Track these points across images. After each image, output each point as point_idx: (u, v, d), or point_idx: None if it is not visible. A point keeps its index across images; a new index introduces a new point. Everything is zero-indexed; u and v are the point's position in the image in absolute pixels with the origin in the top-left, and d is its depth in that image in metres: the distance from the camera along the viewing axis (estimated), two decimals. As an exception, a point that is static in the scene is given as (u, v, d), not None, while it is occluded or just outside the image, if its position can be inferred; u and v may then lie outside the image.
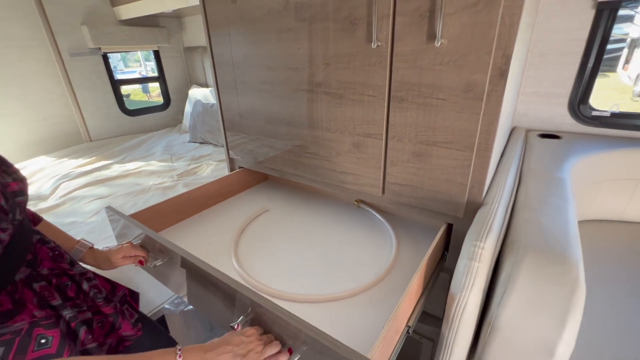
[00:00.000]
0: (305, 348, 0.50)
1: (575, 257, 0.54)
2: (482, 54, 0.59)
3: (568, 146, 1.08)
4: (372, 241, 0.92)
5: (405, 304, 0.59)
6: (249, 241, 0.95)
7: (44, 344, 0.48)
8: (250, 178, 1.28)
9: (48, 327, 0.50)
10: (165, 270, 0.77)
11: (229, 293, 0.59)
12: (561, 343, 0.49)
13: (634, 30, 5.09)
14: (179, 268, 0.71)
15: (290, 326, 0.50)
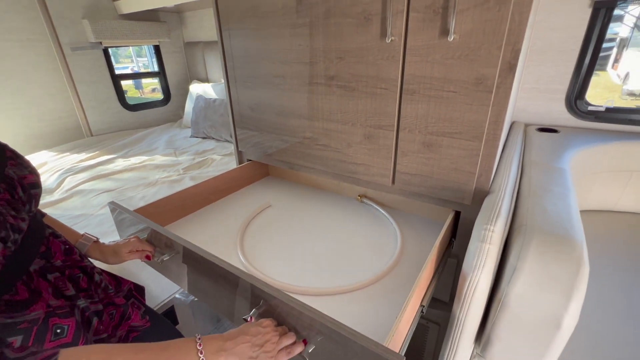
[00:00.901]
0: (320, 339, 0.51)
1: (579, 238, 0.58)
2: (492, 48, 0.63)
3: (566, 140, 1.13)
4: (376, 234, 0.95)
5: (421, 285, 0.63)
6: (254, 236, 0.96)
7: (60, 334, 0.49)
8: (253, 173, 1.30)
9: (63, 316, 0.51)
10: (172, 265, 0.79)
11: (240, 286, 0.61)
12: (567, 316, 0.53)
13: (623, 30, 5.20)
14: (187, 262, 0.72)
15: (304, 317, 0.52)
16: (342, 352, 0.49)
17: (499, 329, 0.62)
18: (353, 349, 0.47)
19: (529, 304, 0.56)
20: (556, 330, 0.54)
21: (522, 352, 0.60)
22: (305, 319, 0.52)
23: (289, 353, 0.52)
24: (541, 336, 0.56)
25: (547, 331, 0.55)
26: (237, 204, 1.14)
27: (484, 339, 0.67)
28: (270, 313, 0.57)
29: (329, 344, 0.50)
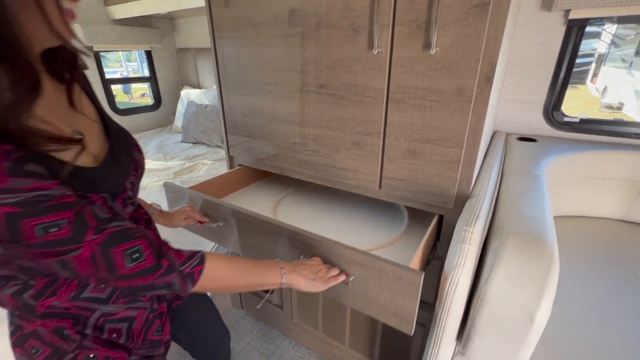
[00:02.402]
0: (358, 271, 0.70)
1: (551, 239, 0.62)
2: (471, 61, 0.67)
3: (543, 148, 1.19)
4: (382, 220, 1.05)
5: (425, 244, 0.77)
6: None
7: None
8: (244, 177, 1.32)
9: None
10: (223, 230, 0.97)
11: (291, 238, 0.80)
12: (539, 311, 0.57)
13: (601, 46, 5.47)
14: (240, 225, 0.91)
15: (346, 255, 0.70)
16: (377, 276, 0.68)
17: (478, 326, 0.65)
18: (385, 271, 0.66)
19: (505, 300, 0.60)
20: (530, 325, 0.57)
21: (499, 346, 0.63)
22: (347, 254, 0.70)
23: (336, 279, 0.69)
24: (516, 331, 0.59)
25: (522, 326, 0.58)
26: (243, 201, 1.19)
27: (464, 336, 0.70)
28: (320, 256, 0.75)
29: (366, 272, 0.69)
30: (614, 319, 0.82)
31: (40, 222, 0.37)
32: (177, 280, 0.49)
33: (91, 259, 0.41)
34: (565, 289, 0.91)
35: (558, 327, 0.79)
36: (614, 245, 1.12)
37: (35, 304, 0.48)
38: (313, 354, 1.41)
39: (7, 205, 0.34)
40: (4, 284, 0.46)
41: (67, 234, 0.39)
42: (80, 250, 0.40)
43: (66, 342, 0.52)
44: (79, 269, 0.41)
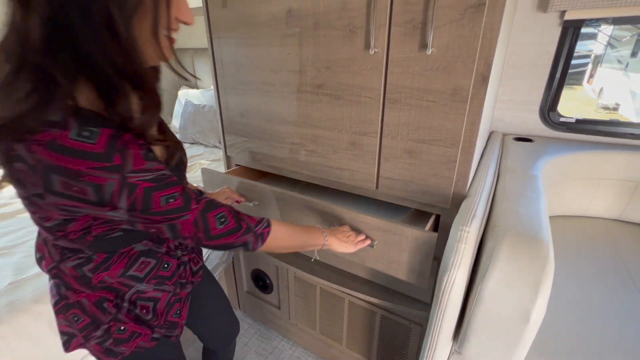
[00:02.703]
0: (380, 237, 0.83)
1: (546, 238, 0.63)
2: (467, 62, 0.68)
3: (539, 148, 1.19)
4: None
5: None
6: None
7: (166, 268, 0.67)
8: (247, 175, 1.32)
9: (172, 257, 0.69)
10: (259, 208, 1.07)
11: (323, 211, 0.91)
12: (535, 310, 0.57)
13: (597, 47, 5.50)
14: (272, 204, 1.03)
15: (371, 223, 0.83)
16: (397, 240, 0.81)
17: (474, 325, 0.65)
18: (405, 234, 0.79)
19: (501, 299, 0.60)
20: (525, 324, 0.58)
21: (495, 346, 0.64)
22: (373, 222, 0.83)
23: (363, 242, 0.83)
24: (512, 330, 0.60)
25: (517, 325, 0.59)
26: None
27: (461, 335, 0.70)
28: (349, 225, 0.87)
29: (388, 237, 0.82)
30: (609, 318, 0.82)
31: (164, 194, 0.48)
32: (252, 240, 0.60)
33: (194, 222, 0.52)
34: (561, 288, 0.91)
35: (553, 327, 0.79)
36: (610, 245, 1.13)
37: (92, 276, 0.57)
38: (310, 354, 1.41)
39: (145, 181, 0.45)
40: (70, 256, 0.55)
41: (180, 203, 0.50)
42: (188, 215, 0.51)
43: (104, 314, 0.60)
44: (183, 231, 0.52)
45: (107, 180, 0.42)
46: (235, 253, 1.44)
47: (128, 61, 0.43)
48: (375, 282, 1.09)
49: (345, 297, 1.14)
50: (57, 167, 0.40)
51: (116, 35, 0.40)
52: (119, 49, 0.41)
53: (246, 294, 1.53)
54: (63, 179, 0.40)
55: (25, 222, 1.24)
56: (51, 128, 0.39)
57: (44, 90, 0.39)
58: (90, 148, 0.40)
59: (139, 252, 0.61)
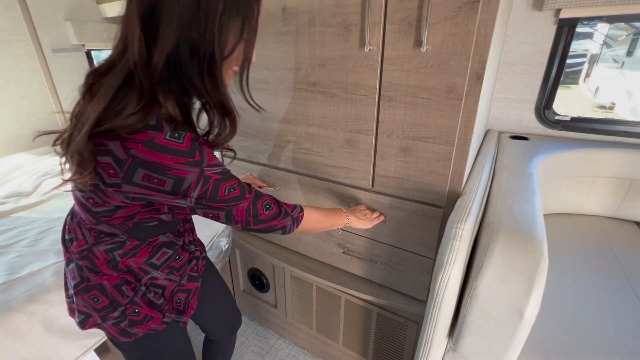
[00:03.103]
0: (392, 214, 0.92)
1: (540, 235, 0.63)
2: (461, 59, 0.68)
3: (535, 146, 1.20)
4: None
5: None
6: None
7: (177, 260, 0.73)
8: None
9: (184, 250, 0.75)
10: (280, 192, 1.15)
11: (341, 193, 1.00)
12: (529, 307, 0.57)
13: (593, 46, 5.53)
14: (293, 187, 1.11)
15: (383, 202, 0.93)
16: (407, 215, 0.90)
17: (469, 322, 0.65)
18: (414, 209, 0.88)
19: (495, 296, 0.60)
20: (519, 320, 0.58)
21: (490, 342, 0.64)
22: (385, 200, 0.93)
23: (379, 219, 0.92)
24: (506, 326, 0.60)
25: (511, 321, 0.59)
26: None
27: (456, 332, 0.70)
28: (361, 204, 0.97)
29: (398, 213, 0.92)
30: (603, 315, 0.83)
31: (228, 185, 0.56)
32: (290, 223, 0.69)
33: (247, 208, 0.61)
34: (555, 285, 0.92)
35: (548, 323, 0.79)
36: (604, 242, 1.14)
37: (120, 260, 0.64)
38: (307, 352, 1.41)
39: (216, 173, 0.54)
40: (105, 240, 0.62)
41: (238, 193, 0.59)
42: (243, 203, 0.60)
43: (122, 297, 0.66)
44: (236, 216, 0.60)
45: (189, 172, 0.51)
46: (231, 252, 1.44)
47: (217, 91, 0.54)
48: (371, 280, 1.09)
49: (342, 296, 1.14)
50: (149, 161, 0.48)
51: (212, 72, 0.52)
52: (212, 82, 0.53)
53: (243, 292, 1.53)
54: (148, 172, 0.49)
55: (18, 222, 1.23)
56: (149, 130, 0.49)
57: (150, 105, 0.49)
58: (179, 146, 0.50)
59: (162, 242, 0.69)
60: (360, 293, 1.07)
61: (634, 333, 0.78)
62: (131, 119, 0.47)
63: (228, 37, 0.51)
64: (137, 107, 0.48)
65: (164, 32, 0.47)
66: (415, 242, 0.92)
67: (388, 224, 0.94)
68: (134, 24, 0.47)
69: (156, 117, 0.50)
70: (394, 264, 0.99)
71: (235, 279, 1.51)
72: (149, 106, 0.49)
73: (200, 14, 0.47)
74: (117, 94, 0.49)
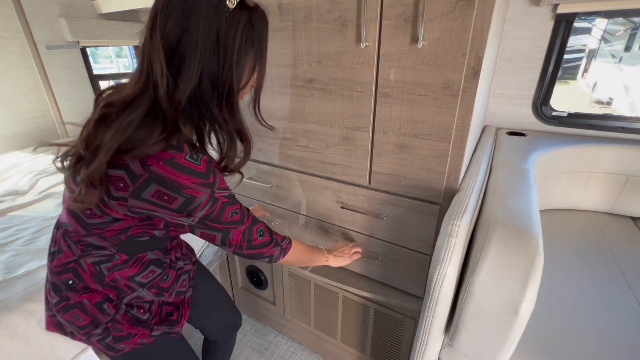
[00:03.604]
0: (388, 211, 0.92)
1: (536, 232, 0.63)
2: (458, 55, 0.67)
3: (532, 143, 1.20)
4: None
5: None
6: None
7: (165, 279, 0.73)
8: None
9: (172, 268, 0.75)
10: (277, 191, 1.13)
11: (337, 190, 0.99)
12: (524, 302, 0.57)
13: (591, 41, 5.52)
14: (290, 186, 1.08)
15: (381, 195, 0.92)
16: (404, 211, 0.90)
17: (465, 318, 0.65)
18: (412, 206, 0.88)
19: (491, 292, 0.60)
20: (514, 316, 0.58)
21: (486, 338, 0.64)
22: (380, 198, 0.92)
23: (358, 254, 0.97)
24: (502, 322, 0.60)
25: (507, 317, 0.59)
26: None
27: (452, 328, 0.71)
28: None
29: (395, 210, 0.91)
30: (598, 310, 0.84)
31: (232, 209, 0.59)
32: (277, 253, 0.71)
33: (243, 232, 0.63)
34: (551, 281, 0.92)
35: (543, 319, 0.80)
36: (599, 237, 1.14)
37: (107, 274, 0.63)
38: (305, 349, 1.41)
39: (224, 197, 0.57)
40: (93, 253, 0.61)
41: (239, 217, 0.61)
42: (241, 226, 0.62)
43: (103, 315, 0.65)
44: (232, 239, 0.62)
45: (201, 193, 0.53)
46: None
47: (234, 119, 0.59)
48: (369, 277, 1.09)
49: (339, 292, 1.15)
50: (166, 178, 0.50)
51: (230, 103, 0.56)
52: (230, 112, 0.57)
53: (241, 290, 1.53)
54: (161, 188, 0.50)
55: (14, 221, 1.22)
56: (170, 149, 0.51)
57: (173, 132, 0.52)
58: (196, 167, 0.52)
59: (150, 260, 0.68)
60: (358, 290, 1.07)
61: (629, 329, 0.78)
62: (155, 147, 0.49)
63: (245, 68, 0.55)
64: (162, 136, 0.50)
65: (188, 67, 0.50)
66: (412, 239, 0.92)
67: (385, 221, 0.94)
68: (158, 60, 0.49)
69: (177, 138, 0.52)
70: (390, 261, 1.00)
71: (234, 276, 1.52)
72: (172, 133, 0.51)
73: (219, 49, 0.51)
74: (139, 124, 0.50)
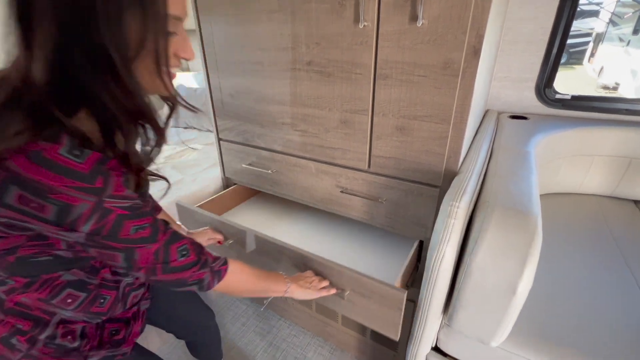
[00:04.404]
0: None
1: (535, 212, 0.63)
2: (458, 33, 0.66)
3: (534, 126, 1.18)
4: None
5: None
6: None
7: (102, 303, 0.57)
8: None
9: (109, 288, 0.58)
10: (277, 176, 1.14)
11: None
12: (522, 282, 0.58)
13: (599, 25, 5.37)
14: (289, 171, 1.09)
15: (378, 179, 0.92)
16: (403, 195, 0.89)
17: (463, 298, 0.66)
18: (410, 189, 0.87)
19: (489, 272, 0.61)
20: (512, 295, 0.59)
21: (483, 317, 0.65)
22: (379, 182, 0.92)
23: (328, 290, 0.83)
24: (499, 301, 0.61)
25: (505, 296, 0.60)
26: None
27: (450, 308, 0.71)
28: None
29: (394, 193, 0.91)
30: (598, 294, 0.84)
31: (135, 224, 0.46)
32: (208, 276, 0.57)
33: (155, 252, 0.49)
34: (551, 264, 0.92)
35: (542, 301, 0.80)
36: (601, 221, 1.14)
37: (6, 298, 0.50)
38: (307, 332, 1.44)
39: (121, 208, 0.44)
40: None
41: (148, 234, 0.48)
42: (151, 245, 0.49)
43: (12, 352, 0.52)
44: (139, 261, 0.49)
45: (80, 201, 0.40)
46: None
47: (130, 99, 0.44)
48: (369, 261, 1.10)
49: (340, 277, 1.16)
50: (26, 178, 0.38)
51: (118, 78, 0.42)
52: (122, 89, 0.43)
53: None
54: (24, 192, 0.38)
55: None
56: (40, 141, 0.38)
57: (42, 122, 0.40)
58: (75, 166, 0.39)
59: (66, 282, 0.51)
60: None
61: (629, 312, 0.79)
62: (17, 140, 0.37)
63: (126, 32, 0.40)
64: (22, 126, 0.38)
65: (39, 35, 0.38)
66: (411, 222, 0.92)
67: (384, 205, 0.94)
68: (11, 29, 0.38)
69: (56, 129, 0.40)
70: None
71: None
72: (41, 123, 0.39)
73: (81, 9, 0.38)
74: None
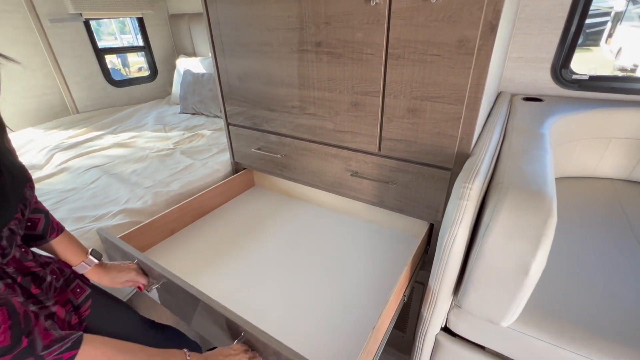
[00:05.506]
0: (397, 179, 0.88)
1: (550, 192, 0.62)
2: (474, 9, 0.64)
3: (549, 108, 1.15)
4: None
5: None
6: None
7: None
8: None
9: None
10: (287, 161, 1.09)
11: (346, 157, 0.96)
12: (535, 262, 0.57)
13: (618, 3, 5.12)
14: (299, 155, 1.04)
15: (388, 162, 0.90)
16: (414, 178, 0.86)
17: (474, 278, 0.66)
18: (421, 172, 0.84)
19: (501, 252, 0.60)
20: (524, 276, 0.59)
21: (494, 298, 0.65)
22: (390, 165, 0.91)
23: None
24: (511, 282, 0.61)
25: (517, 277, 0.60)
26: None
27: (461, 289, 0.72)
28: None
29: (405, 176, 0.89)
30: (610, 274, 0.83)
31: None
32: None
33: None
34: (563, 246, 0.92)
35: (553, 283, 0.80)
36: (616, 204, 1.12)
37: None
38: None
39: None
40: None
41: None
42: None
43: None
44: None
45: None
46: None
47: None
48: (378, 244, 1.11)
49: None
50: None
51: None
52: None
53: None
54: None
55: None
56: None
57: None
58: None
59: None
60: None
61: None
62: None
63: None
64: None
65: None
66: (422, 205, 0.91)
67: (395, 188, 0.93)
68: None
69: None
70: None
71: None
72: None
73: None
74: None
